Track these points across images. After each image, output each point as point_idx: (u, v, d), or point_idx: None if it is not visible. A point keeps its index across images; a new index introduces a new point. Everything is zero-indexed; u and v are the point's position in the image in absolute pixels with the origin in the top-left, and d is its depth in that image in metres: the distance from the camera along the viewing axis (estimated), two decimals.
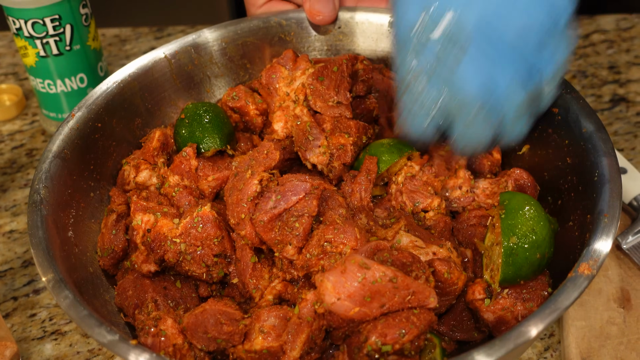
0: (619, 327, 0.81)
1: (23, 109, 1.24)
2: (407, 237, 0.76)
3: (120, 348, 0.63)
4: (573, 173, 0.81)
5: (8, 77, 1.32)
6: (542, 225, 0.74)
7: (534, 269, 0.73)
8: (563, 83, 0.85)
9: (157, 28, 1.42)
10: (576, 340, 0.80)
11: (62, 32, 1.05)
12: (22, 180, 1.11)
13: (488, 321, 0.75)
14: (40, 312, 0.91)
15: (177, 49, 0.98)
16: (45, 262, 0.71)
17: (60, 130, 0.85)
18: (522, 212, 0.74)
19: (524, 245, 0.72)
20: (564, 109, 0.84)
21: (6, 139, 1.18)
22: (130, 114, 0.94)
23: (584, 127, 0.80)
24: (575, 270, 0.66)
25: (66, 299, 0.68)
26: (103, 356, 0.85)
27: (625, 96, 1.19)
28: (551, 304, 0.64)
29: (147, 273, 0.79)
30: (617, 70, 1.24)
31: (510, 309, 0.74)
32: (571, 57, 0.76)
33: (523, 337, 0.62)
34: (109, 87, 0.92)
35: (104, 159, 0.90)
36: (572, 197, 0.80)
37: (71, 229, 0.81)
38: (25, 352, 0.86)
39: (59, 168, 0.82)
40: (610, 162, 0.76)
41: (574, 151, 0.81)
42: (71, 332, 0.88)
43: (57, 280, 0.70)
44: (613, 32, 1.33)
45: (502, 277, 0.74)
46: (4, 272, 0.97)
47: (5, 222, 1.04)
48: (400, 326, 0.66)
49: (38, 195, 0.78)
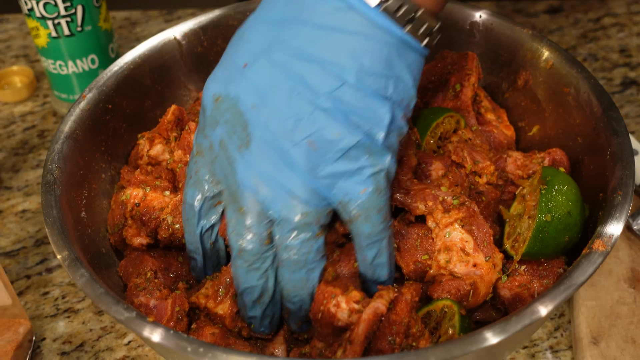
0: (629, 307, 0.82)
1: (34, 91, 1.24)
2: (458, 233, 0.74)
3: (138, 324, 0.64)
4: (584, 152, 0.81)
5: (19, 59, 1.33)
6: (579, 209, 0.73)
7: (558, 250, 0.74)
8: (574, 62, 0.86)
9: (167, 11, 1.43)
10: (586, 320, 0.80)
11: (73, 12, 1.05)
12: (34, 161, 1.11)
13: (504, 298, 0.75)
14: (53, 290, 0.92)
15: (187, 30, 0.98)
16: (60, 241, 0.72)
17: (71, 111, 0.86)
18: (563, 191, 0.74)
19: (557, 225, 0.72)
20: (574, 89, 0.84)
21: (18, 120, 1.19)
22: (140, 96, 0.94)
23: (595, 106, 0.80)
24: (589, 247, 0.67)
25: (82, 277, 0.69)
26: (115, 333, 0.86)
27: (636, 79, 1.18)
28: (566, 280, 0.64)
29: (139, 246, 0.80)
30: (628, 54, 1.24)
31: (527, 285, 0.74)
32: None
33: (537, 313, 0.62)
34: (120, 69, 0.92)
35: (115, 140, 0.90)
36: (582, 176, 0.80)
37: (84, 209, 0.82)
38: (39, 330, 0.87)
39: (71, 149, 0.83)
40: (623, 140, 0.76)
41: (585, 131, 0.81)
42: (84, 310, 0.89)
43: (73, 259, 0.70)
44: (624, 16, 1.32)
45: (526, 250, 0.74)
46: (16, 251, 0.97)
47: (18, 202, 1.04)
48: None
49: (51, 176, 0.78)
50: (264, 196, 0.65)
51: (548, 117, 0.89)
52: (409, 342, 0.68)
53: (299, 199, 0.64)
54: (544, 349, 0.82)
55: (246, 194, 0.66)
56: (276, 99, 0.63)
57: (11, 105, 1.22)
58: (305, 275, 0.67)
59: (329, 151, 0.63)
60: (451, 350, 0.59)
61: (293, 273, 0.67)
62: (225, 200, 0.69)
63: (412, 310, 0.69)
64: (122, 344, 0.85)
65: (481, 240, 0.74)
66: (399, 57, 0.63)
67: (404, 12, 0.62)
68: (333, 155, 0.63)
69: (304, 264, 0.67)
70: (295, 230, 0.65)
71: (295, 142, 0.63)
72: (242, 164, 0.65)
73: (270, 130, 0.64)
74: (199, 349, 0.60)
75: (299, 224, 0.65)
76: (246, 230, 0.66)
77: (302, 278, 0.68)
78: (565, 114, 0.86)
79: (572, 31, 1.30)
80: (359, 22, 0.62)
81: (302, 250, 0.66)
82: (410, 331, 0.68)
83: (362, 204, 0.65)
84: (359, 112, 0.63)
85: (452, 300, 0.72)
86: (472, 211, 0.75)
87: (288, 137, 0.63)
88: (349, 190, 0.64)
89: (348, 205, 0.65)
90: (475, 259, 0.73)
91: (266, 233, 0.67)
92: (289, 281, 0.68)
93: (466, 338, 0.60)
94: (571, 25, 1.31)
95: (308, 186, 0.64)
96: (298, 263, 0.66)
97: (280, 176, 0.64)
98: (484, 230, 0.75)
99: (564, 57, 0.87)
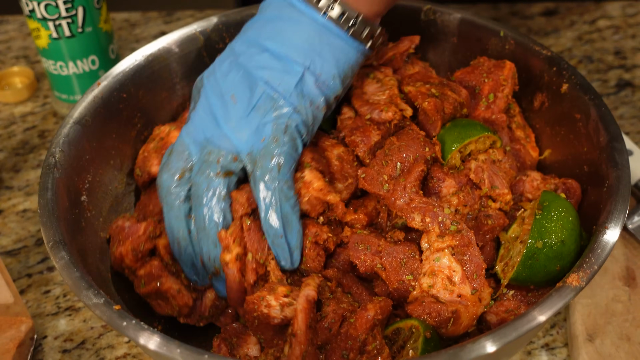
0: (624, 304, 0.83)
1: (34, 91, 1.25)
2: (447, 261, 0.73)
3: (104, 312, 0.65)
4: (588, 182, 0.80)
5: (19, 60, 1.33)
6: (574, 239, 0.71)
7: (549, 278, 0.71)
8: (587, 88, 0.83)
9: (166, 12, 1.43)
10: (582, 318, 0.82)
11: (74, 14, 1.06)
12: (34, 161, 1.12)
13: (491, 323, 0.73)
14: (54, 289, 0.93)
15: (209, 26, 0.99)
16: (48, 222, 0.73)
17: (84, 97, 0.87)
18: (558, 219, 0.71)
19: (548, 252, 0.70)
20: (585, 115, 0.83)
21: (18, 120, 1.20)
22: (156, 87, 0.95)
23: (602, 135, 0.79)
24: (564, 281, 0.65)
25: (61, 259, 0.70)
26: (116, 332, 0.87)
27: (631, 81, 1.20)
28: (528, 315, 0.62)
29: (155, 174, 0.86)
30: (623, 56, 1.25)
31: (514, 311, 0.72)
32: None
33: (533, 321, 0.62)
34: (137, 60, 0.93)
35: (128, 128, 0.91)
36: (583, 206, 0.80)
37: (85, 193, 0.83)
38: (40, 328, 0.88)
39: (78, 134, 0.84)
40: (622, 174, 0.74)
41: (591, 160, 0.80)
42: (85, 308, 0.90)
43: (56, 242, 0.71)
44: (619, 18, 1.34)
45: (514, 276, 0.72)
46: (18, 250, 0.98)
47: (19, 202, 1.05)
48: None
49: (53, 159, 0.79)
50: (197, 146, 0.79)
51: (560, 142, 0.87)
52: (363, 359, 0.68)
53: (214, 146, 0.78)
54: (540, 347, 0.83)
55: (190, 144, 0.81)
56: (219, 67, 0.81)
57: (12, 105, 1.23)
58: (208, 211, 0.77)
59: (244, 103, 0.77)
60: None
61: (196, 210, 0.78)
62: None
63: (374, 328, 0.68)
64: (123, 342, 0.86)
65: (471, 273, 0.72)
66: (319, 39, 0.77)
67: (346, 18, 0.76)
68: (247, 106, 0.77)
69: (203, 200, 0.77)
70: (199, 164, 0.78)
71: (223, 99, 0.78)
72: (190, 124, 0.81)
73: (206, 89, 0.81)
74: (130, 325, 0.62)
75: (201, 160, 0.78)
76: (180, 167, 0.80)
77: (202, 216, 0.77)
78: (575, 140, 0.84)
79: (567, 33, 1.31)
80: (296, 13, 0.78)
81: (202, 186, 0.77)
82: (366, 348, 0.68)
83: (259, 151, 0.75)
84: (272, 71, 0.76)
85: (420, 321, 0.70)
86: (467, 240, 0.74)
87: (219, 94, 0.79)
88: (254, 141, 0.76)
89: (251, 155, 0.76)
90: (460, 290, 0.72)
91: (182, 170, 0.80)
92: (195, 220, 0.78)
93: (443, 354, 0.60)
94: (567, 27, 1.32)
95: (224, 135, 0.77)
96: (198, 199, 0.77)
97: (210, 129, 0.79)
98: (476, 262, 0.72)
99: (579, 82, 0.85)
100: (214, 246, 0.76)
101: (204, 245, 0.77)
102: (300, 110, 0.76)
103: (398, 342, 0.71)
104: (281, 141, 0.75)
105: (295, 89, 0.76)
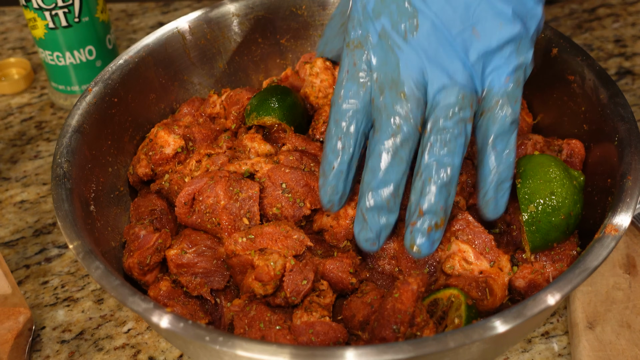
0: (625, 292, 0.82)
1: (31, 83, 1.25)
2: (456, 245, 0.75)
3: (156, 314, 0.64)
4: (590, 140, 0.81)
5: (16, 51, 1.33)
6: (562, 184, 0.73)
7: (563, 230, 0.73)
8: (578, 50, 0.86)
9: (163, 3, 1.43)
10: (582, 305, 0.81)
11: (70, 3, 1.05)
12: (31, 152, 1.11)
13: (520, 288, 0.75)
14: (52, 280, 0.92)
15: (190, 23, 0.99)
16: (74, 234, 0.72)
17: (78, 105, 0.86)
18: (538, 176, 0.73)
19: (545, 209, 0.72)
20: (580, 76, 0.85)
21: (15, 111, 1.19)
22: (144, 89, 0.95)
23: (601, 93, 0.81)
24: (602, 232, 0.68)
25: (97, 269, 0.69)
26: (115, 322, 0.87)
27: (631, 69, 1.19)
28: (580, 264, 0.65)
29: (142, 176, 0.87)
30: (623, 44, 1.24)
31: (540, 271, 0.74)
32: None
33: (549, 301, 0.62)
34: (125, 62, 0.92)
35: (121, 133, 0.91)
36: (589, 163, 0.81)
37: (92, 203, 0.82)
38: (39, 318, 0.88)
39: (79, 142, 0.83)
40: (631, 127, 0.76)
41: (591, 118, 0.82)
42: (83, 299, 0.90)
43: (87, 252, 0.70)
44: (619, 7, 1.33)
45: (531, 246, 0.74)
46: (15, 241, 0.98)
47: (16, 193, 1.05)
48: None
49: (61, 169, 0.78)
50: (426, 79, 0.70)
51: (552, 105, 0.89)
52: (413, 331, 0.68)
53: (458, 82, 0.69)
54: (540, 334, 0.83)
55: (408, 78, 0.69)
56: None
57: (8, 97, 1.22)
58: (450, 159, 0.69)
59: (490, 40, 0.69)
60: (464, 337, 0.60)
61: (440, 156, 0.69)
62: (381, 87, 0.71)
63: (418, 300, 0.69)
64: (122, 332, 0.86)
65: (482, 248, 0.74)
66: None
67: None
68: (492, 43, 0.69)
69: (453, 146, 0.69)
70: (452, 110, 0.69)
71: (461, 30, 0.69)
72: (407, 50, 0.70)
73: (440, 17, 0.69)
74: (218, 338, 0.61)
75: (456, 104, 0.69)
76: (404, 113, 0.69)
77: (447, 162, 0.69)
78: (570, 101, 0.86)
79: (567, 22, 1.30)
80: None
81: (454, 132, 0.69)
82: (415, 320, 0.69)
83: (504, 92, 0.70)
84: (521, 6, 0.69)
85: (459, 290, 0.71)
86: (465, 221, 0.76)
87: (455, 24, 0.69)
88: (495, 78, 0.70)
89: (491, 92, 0.70)
90: (479, 267, 0.74)
91: (420, 120, 0.70)
92: (431, 167, 0.69)
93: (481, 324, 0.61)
94: (566, 16, 1.32)
95: (466, 71, 0.69)
96: (447, 145, 0.69)
97: (444, 60, 0.69)
98: (482, 238, 0.75)
99: (568, 45, 0.88)
100: (448, 195, 0.70)
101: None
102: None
103: (437, 313, 0.72)
104: (521, 85, 0.72)
105: (537, 26, 0.72)
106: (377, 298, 0.73)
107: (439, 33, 0.69)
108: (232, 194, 0.79)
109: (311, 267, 0.73)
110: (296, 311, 0.73)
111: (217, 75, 1.02)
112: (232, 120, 0.92)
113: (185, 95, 1.00)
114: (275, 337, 0.70)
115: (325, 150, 0.74)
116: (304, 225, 0.82)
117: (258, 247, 0.75)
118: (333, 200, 0.75)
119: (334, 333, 0.70)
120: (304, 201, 0.79)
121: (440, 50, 0.69)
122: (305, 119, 0.90)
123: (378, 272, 0.79)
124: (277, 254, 0.72)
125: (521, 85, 0.71)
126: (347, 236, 0.79)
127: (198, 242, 0.79)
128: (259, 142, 0.86)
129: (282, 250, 0.74)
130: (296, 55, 1.06)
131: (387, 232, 0.72)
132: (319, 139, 0.88)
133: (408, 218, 0.71)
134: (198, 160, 0.86)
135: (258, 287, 0.72)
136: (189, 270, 0.78)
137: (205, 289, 0.77)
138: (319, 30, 1.05)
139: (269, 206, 0.80)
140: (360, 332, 0.72)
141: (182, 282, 0.77)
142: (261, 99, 0.88)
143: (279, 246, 0.74)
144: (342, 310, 0.76)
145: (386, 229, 0.72)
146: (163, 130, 0.88)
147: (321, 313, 0.72)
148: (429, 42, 0.69)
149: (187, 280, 0.77)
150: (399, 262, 0.77)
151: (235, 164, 0.83)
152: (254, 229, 0.76)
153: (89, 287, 0.91)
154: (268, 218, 0.81)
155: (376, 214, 0.71)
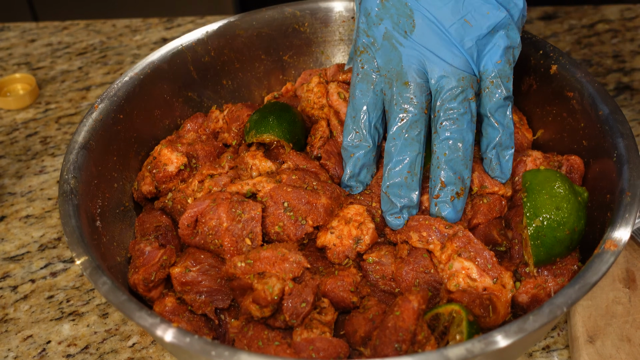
0: (625, 306, 0.83)
1: (36, 98, 1.26)
2: (459, 263, 0.76)
3: (162, 329, 0.65)
4: (589, 155, 0.82)
5: (21, 67, 1.34)
6: (567, 200, 0.74)
7: (567, 245, 0.74)
8: (578, 67, 0.87)
9: (166, 19, 1.44)
10: (582, 319, 0.82)
11: None
12: (37, 167, 1.13)
13: (523, 303, 0.76)
14: (57, 294, 0.93)
15: (195, 40, 1.00)
16: (81, 249, 0.73)
17: (84, 121, 0.87)
18: (544, 191, 0.74)
19: (550, 224, 0.73)
20: (578, 93, 0.86)
21: (20, 127, 1.20)
22: (149, 106, 0.96)
23: (600, 109, 0.82)
24: (601, 247, 0.69)
25: (104, 284, 0.70)
26: (120, 336, 0.88)
27: (629, 84, 1.20)
28: (580, 280, 0.66)
29: (146, 193, 0.89)
30: (622, 59, 1.26)
31: (542, 285, 0.75)
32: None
33: (549, 315, 0.63)
34: (130, 79, 0.93)
35: (126, 149, 0.92)
36: (588, 178, 0.81)
37: (98, 218, 0.83)
38: (44, 333, 0.89)
39: (86, 159, 0.84)
40: (629, 143, 0.77)
41: (591, 134, 0.83)
42: (88, 313, 0.91)
43: (94, 267, 0.71)
44: (617, 22, 1.34)
45: (535, 260, 0.75)
46: (21, 256, 0.99)
47: (22, 208, 1.06)
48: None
49: (68, 186, 0.80)
50: (427, 69, 0.80)
51: (551, 122, 0.90)
52: (415, 348, 0.69)
53: (457, 67, 0.79)
54: (541, 348, 0.83)
55: (410, 69, 0.80)
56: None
57: (14, 112, 1.24)
58: (460, 134, 0.79)
59: (481, 27, 0.79)
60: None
61: (451, 133, 0.79)
62: (389, 82, 0.82)
63: (419, 318, 0.70)
64: (127, 346, 0.86)
65: (484, 264, 0.75)
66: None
67: None
68: (483, 30, 0.79)
69: (461, 123, 0.79)
70: (455, 91, 0.79)
71: (453, 21, 0.79)
72: (408, 46, 0.80)
73: (433, 13, 0.79)
74: (224, 353, 0.62)
75: (458, 86, 0.79)
76: (409, 98, 0.80)
77: (458, 138, 0.79)
78: (569, 117, 0.87)
79: (566, 37, 1.32)
80: None
81: (460, 111, 0.79)
82: (417, 338, 0.69)
83: (497, 72, 0.80)
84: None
85: (461, 306, 0.72)
86: (466, 238, 0.77)
87: (447, 17, 0.79)
88: (488, 61, 0.81)
89: (486, 72, 0.81)
90: (483, 283, 0.75)
91: (425, 103, 0.80)
92: (444, 144, 0.79)
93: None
94: (566, 31, 1.33)
95: (462, 56, 0.79)
96: (456, 122, 0.79)
97: (442, 50, 0.79)
98: (484, 254, 0.76)
99: (567, 62, 0.89)
100: (464, 167, 0.80)
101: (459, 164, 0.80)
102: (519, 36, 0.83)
103: (439, 328, 0.73)
104: (512, 64, 0.83)
105: (520, 13, 0.82)
106: (379, 314, 0.73)
107: (434, 27, 0.79)
108: (235, 215, 0.80)
109: (311, 289, 0.74)
110: (296, 329, 0.74)
111: (220, 92, 1.04)
112: (233, 137, 0.93)
113: (190, 111, 1.01)
114: (275, 352, 0.70)
115: (343, 143, 0.85)
116: (307, 244, 0.83)
117: (257, 271, 0.75)
118: (350, 185, 0.86)
119: (335, 349, 0.71)
120: (306, 219, 0.80)
121: (437, 42, 0.79)
122: (304, 133, 0.92)
123: (379, 289, 0.80)
124: (275, 278, 0.73)
125: (512, 65, 0.81)
126: (349, 254, 0.80)
127: (202, 260, 0.79)
128: (260, 159, 0.87)
129: (281, 274, 0.75)
130: (298, 72, 1.07)
131: (409, 209, 0.81)
132: (317, 154, 0.89)
133: (431, 193, 0.81)
134: (201, 181, 0.86)
135: (255, 310, 0.73)
136: (193, 289, 0.78)
137: (210, 307, 0.78)
138: (321, 46, 1.06)
139: (271, 225, 0.81)
140: (362, 348, 0.73)
141: (187, 300, 0.78)
142: (260, 117, 0.89)
143: (276, 269, 0.75)
144: (344, 325, 0.77)
145: (408, 206, 0.81)
146: (166, 148, 0.89)
147: (322, 329, 0.73)
148: (426, 36, 0.79)
149: (192, 298, 0.78)
150: (399, 284, 0.78)
151: (237, 184, 0.84)
152: (252, 254, 0.76)
153: (94, 301, 0.92)
154: (270, 237, 0.82)
155: (397, 190, 0.80)
